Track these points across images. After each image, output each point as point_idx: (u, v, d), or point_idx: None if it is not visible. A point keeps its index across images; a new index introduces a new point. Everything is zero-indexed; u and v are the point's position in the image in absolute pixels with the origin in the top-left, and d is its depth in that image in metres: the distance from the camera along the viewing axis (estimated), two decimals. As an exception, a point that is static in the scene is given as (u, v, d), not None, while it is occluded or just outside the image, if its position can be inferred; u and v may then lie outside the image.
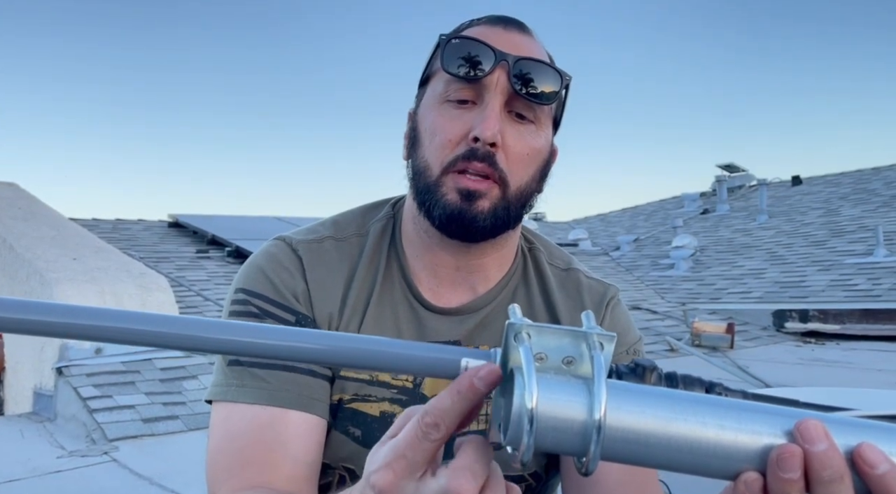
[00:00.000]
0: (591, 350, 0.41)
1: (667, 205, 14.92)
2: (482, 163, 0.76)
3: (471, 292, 0.87)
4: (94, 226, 8.22)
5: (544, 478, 0.89)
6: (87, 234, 6.33)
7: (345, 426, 0.82)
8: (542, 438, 0.39)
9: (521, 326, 0.41)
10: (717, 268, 9.75)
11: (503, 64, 0.76)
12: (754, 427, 0.40)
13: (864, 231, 9.36)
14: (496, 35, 0.79)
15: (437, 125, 0.79)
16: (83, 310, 0.40)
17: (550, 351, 0.41)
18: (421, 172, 0.80)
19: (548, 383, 0.40)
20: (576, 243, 11.46)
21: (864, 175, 12.74)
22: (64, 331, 0.40)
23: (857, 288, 7.66)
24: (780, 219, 11.30)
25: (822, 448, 0.39)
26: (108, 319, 0.40)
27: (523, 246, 0.93)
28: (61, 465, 3.58)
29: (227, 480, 0.73)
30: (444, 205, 0.78)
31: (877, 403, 2.89)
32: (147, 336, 0.41)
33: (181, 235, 8.98)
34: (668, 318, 7.85)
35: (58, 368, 4.55)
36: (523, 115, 0.79)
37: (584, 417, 0.39)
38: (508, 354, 0.42)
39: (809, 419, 0.40)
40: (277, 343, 0.42)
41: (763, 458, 0.40)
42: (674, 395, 0.41)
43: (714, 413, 0.40)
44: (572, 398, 0.39)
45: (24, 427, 4.43)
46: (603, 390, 0.39)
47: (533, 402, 0.39)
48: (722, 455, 0.40)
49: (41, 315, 0.40)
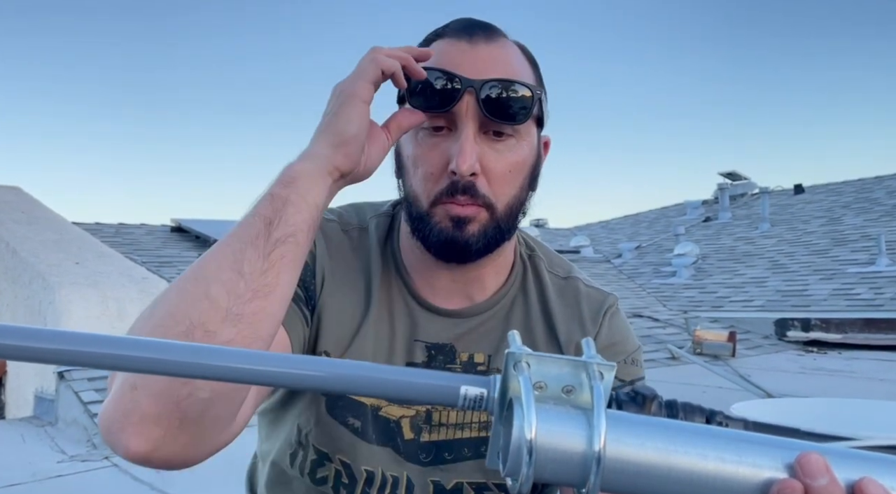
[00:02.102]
0: (591, 380, 0.41)
1: (669, 212, 14.91)
2: (464, 195, 0.78)
3: (467, 300, 0.88)
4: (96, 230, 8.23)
5: (539, 488, 0.89)
6: (89, 238, 6.34)
7: (344, 416, 0.83)
8: (542, 469, 0.39)
9: (521, 355, 0.41)
10: (719, 276, 9.74)
11: (470, 90, 0.76)
12: (755, 459, 0.40)
13: (867, 240, 9.35)
14: (461, 54, 0.79)
15: (418, 156, 0.81)
16: (85, 338, 0.40)
17: (550, 380, 0.41)
18: (412, 201, 0.82)
19: (547, 414, 0.40)
20: (577, 250, 11.45)
21: (866, 184, 12.73)
22: (68, 359, 0.40)
23: (860, 298, 7.65)
24: (783, 228, 11.29)
25: (823, 483, 0.39)
26: (106, 346, 0.40)
27: (523, 253, 0.94)
28: (62, 470, 3.58)
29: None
30: (438, 232, 0.80)
31: (879, 412, 2.88)
32: (144, 363, 0.40)
33: (183, 240, 8.98)
34: (670, 326, 7.84)
35: (59, 372, 4.55)
36: (501, 132, 0.79)
37: (583, 448, 0.39)
38: (508, 383, 0.42)
39: (811, 453, 0.40)
40: (276, 370, 0.42)
41: (763, 492, 0.40)
42: (673, 426, 0.41)
43: (714, 445, 0.40)
44: (572, 429, 0.40)
45: (25, 431, 4.43)
46: (603, 421, 0.39)
47: (532, 433, 0.39)
48: (722, 489, 0.40)
49: (43, 343, 0.39)
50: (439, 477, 0.85)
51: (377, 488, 0.84)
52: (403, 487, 0.84)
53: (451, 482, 0.85)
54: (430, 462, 0.85)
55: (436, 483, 0.85)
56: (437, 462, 0.85)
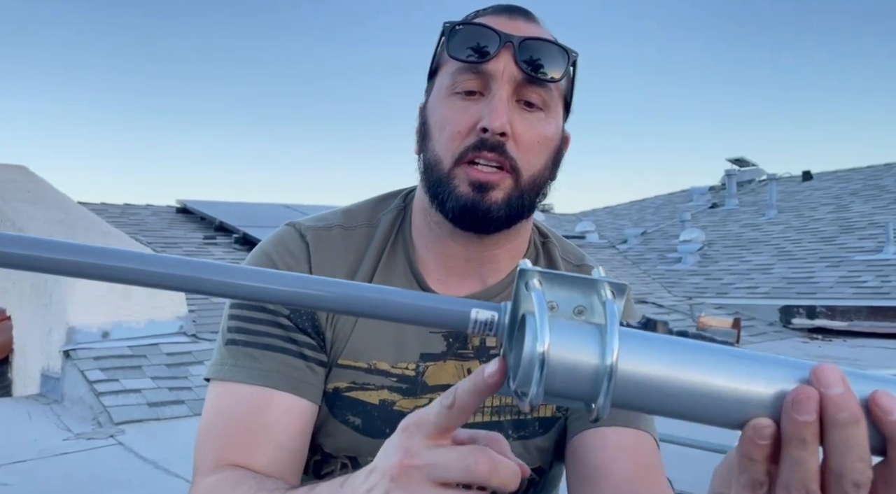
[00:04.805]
0: (604, 298, 0.40)
1: (675, 198, 14.85)
2: (493, 153, 0.76)
3: (480, 283, 0.86)
4: (102, 210, 8.25)
5: (547, 473, 0.89)
6: (95, 219, 6.35)
7: (344, 415, 0.82)
8: (553, 382, 0.39)
9: (533, 273, 0.41)
10: (725, 263, 9.71)
11: (508, 45, 0.76)
12: (769, 375, 0.39)
13: (875, 227, 9.30)
14: (500, 22, 0.79)
15: (446, 118, 0.79)
16: (89, 250, 0.41)
17: (562, 301, 0.41)
18: (432, 166, 0.80)
19: (560, 328, 0.39)
20: (583, 235, 11.43)
21: (875, 171, 12.64)
22: (72, 269, 0.40)
23: (866, 285, 7.62)
24: (790, 215, 11.24)
25: (839, 391, 0.38)
26: (113, 259, 0.41)
27: (537, 240, 0.93)
28: (68, 447, 3.61)
29: (211, 458, 0.75)
30: (456, 197, 0.78)
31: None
32: (151, 277, 0.41)
33: (189, 221, 9.00)
34: (675, 312, 7.83)
35: (65, 351, 4.58)
36: (532, 103, 0.79)
37: (595, 362, 0.39)
38: (520, 302, 0.41)
39: (826, 365, 0.39)
40: (283, 288, 0.42)
41: (776, 405, 0.39)
42: (687, 343, 0.41)
43: (727, 361, 0.40)
44: (584, 343, 0.39)
45: (32, 409, 4.46)
46: (616, 335, 0.38)
47: (545, 346, 0.38)
48: (733, 402, 0.39)
49: (47, 252, 0.40)
50: None
51: None
52: None
53: None
54: None
55: None
56: None
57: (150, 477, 3.20)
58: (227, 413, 0.77)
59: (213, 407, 0.79)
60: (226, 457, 0.74)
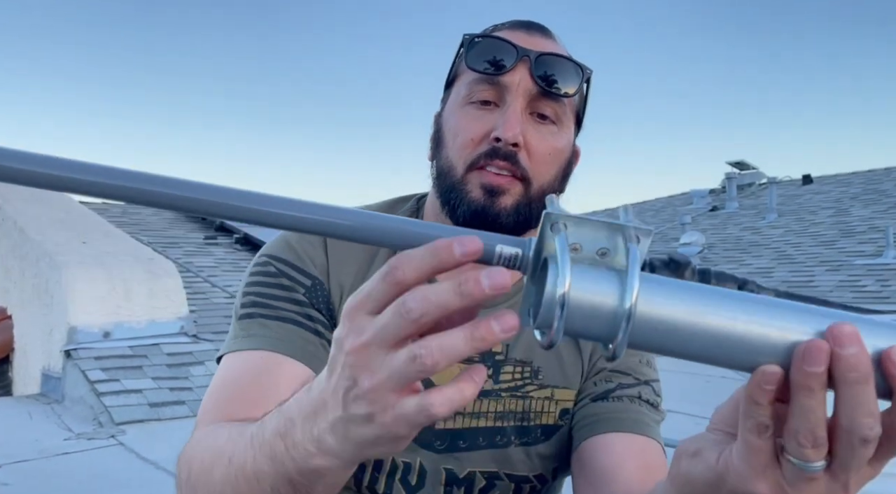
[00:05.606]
0: (628, 242, 0.41)
1: (675, 201, 14.85)
2: (504, 162, 0.78)
3: None
4: (103, 209, 8.24)
5: (550, 481, 0.89)
6: (96, 218, 6.35)
7: None
8: (572, 322, 0.40)
9: (559, 216, 0.42)
10: (725, 266, 9.70)
11: (525, 59, 0.78)
12: (785, 323, 0.40)
13: (875, 232, 9.30)
14: (518, 37, 0.82)
15: (461, 125, 0.81)
16: (96, 168, 0.40)
17: (586, 242, 0.42)
18: (445, 172, 0.82)
19: (581, 270, 0.40)
20: (583, 237, 11.41)
21: (875, 175, 12.65)
22: (83, 187, 0.40)
23: (866, 290, 7.62)
24: (790, 218, 11.24)
25: (853, 351, 0.39)
26: (126, 179, 0.41)
27: None
28: (68, 447, 3.61)
29: (212, 413, 0.74)
30: (468, 201, 0.79)
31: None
32: (167, 198, 0.41)
33: (190, 221, 8.99)
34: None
35: (66, 351, 4.58)
36: (545, 116, 0.81)
37: (615, 304, 0.40)
38: (544, 243, 0.42)
39: (844, 323, 0.40)
40: (305, 216, 0.42)
41: (788, 354, 0.40)
42: (706, 289, 0.42)
43: (745, 308, 0.41)
44: (604, 286, 0.40)
45: (33, 409, 4.46)
46: (636, 279, 0.39)
47: (566, 287, 0.39)
48: (747, 347, 0.40)
49: (54, 169, 0.40)
50: (452, 465, 0.85)
51: (387, 473, 0.83)
52: (416, 473, 0.84)
53: (464, 470, 0.85)
54: (444, 449, 0.84)
55: (448, 470, 0.84)
56: (451, 450, 0.85)
57: (151, 478, 3.21)
58: (233, 376, 0.77)
59: (221, 374, 0.78)
60: (227, 412, 0.72)
